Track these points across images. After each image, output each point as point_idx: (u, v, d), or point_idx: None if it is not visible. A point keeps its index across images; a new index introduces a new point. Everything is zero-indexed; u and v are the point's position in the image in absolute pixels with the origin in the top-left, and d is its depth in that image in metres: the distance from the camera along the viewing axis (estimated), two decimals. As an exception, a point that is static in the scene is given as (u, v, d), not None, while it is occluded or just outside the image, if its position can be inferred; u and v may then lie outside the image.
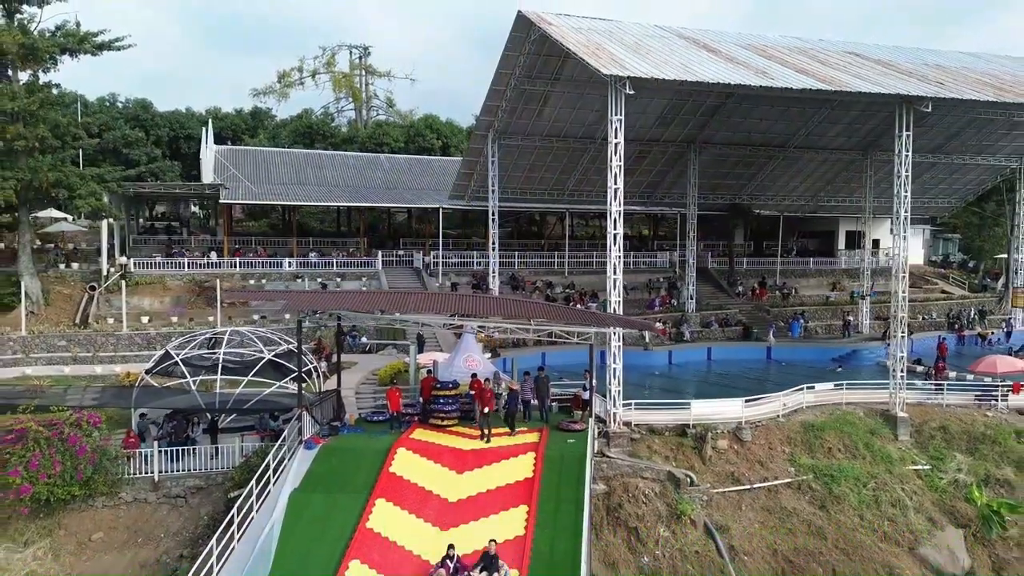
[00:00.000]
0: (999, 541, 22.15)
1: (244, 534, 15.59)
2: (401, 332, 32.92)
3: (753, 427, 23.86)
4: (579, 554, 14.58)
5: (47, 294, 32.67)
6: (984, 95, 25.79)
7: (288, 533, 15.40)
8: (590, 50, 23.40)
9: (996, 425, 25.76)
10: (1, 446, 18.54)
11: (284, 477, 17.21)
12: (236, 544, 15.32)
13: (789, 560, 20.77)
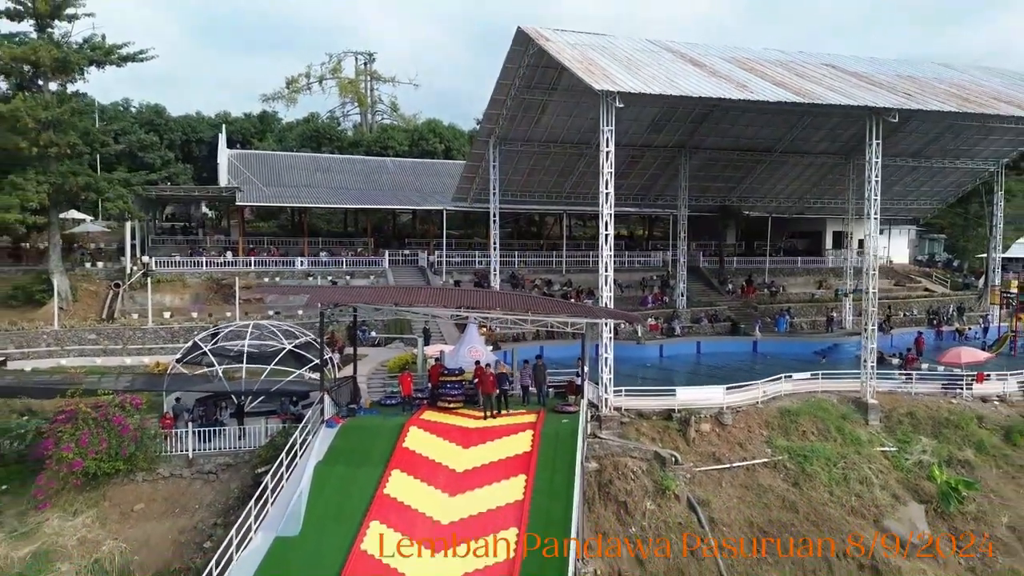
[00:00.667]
0: (957, 515, 24.22)
1: (276, 500, 17.71)
2: (408, 327, 35.08)
3: (734, 412, 25.94)
4: (571, 515, 16.66)
5: (75, 291, 34.78)
6: (948, 106, 27.92)
7: (315, 499, 17.50)
8: (584, 66, 25.50)
9: (960, 411, 27.86)
10: (53, 426, 20.70)
11: (309, 452, 19.29)
12: (270, 508, 17.45)
13: (763, 531, 22.81)
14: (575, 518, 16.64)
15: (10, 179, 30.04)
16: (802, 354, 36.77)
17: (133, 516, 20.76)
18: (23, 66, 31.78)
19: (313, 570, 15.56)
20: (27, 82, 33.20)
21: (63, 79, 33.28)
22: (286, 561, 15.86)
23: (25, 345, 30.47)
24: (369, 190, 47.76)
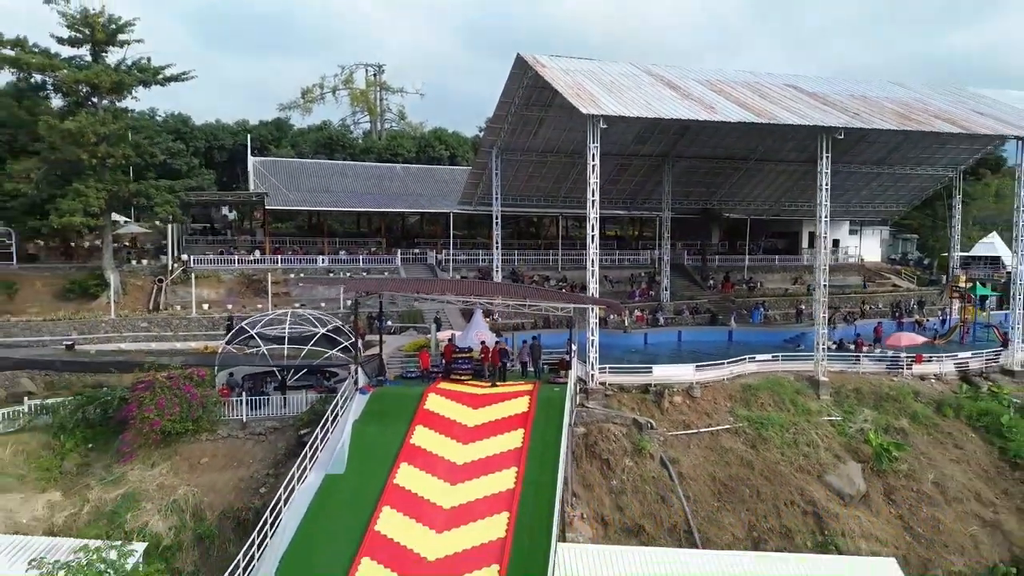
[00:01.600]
0: (890, 473, 28.56)
1: (324, 447, 22.05)
2: (419, 317, 39.44)
3: (702, 387, 30.29)
4: (558, 458, 20.99)
5: (124, 286, 39.13)
6: (889, 124, 32.29)
7: (355, 447, 21.84)
8: (574, 91, 29.85)
9: (899, 387, 32.22)
10: (134, 393, 25.04)
11: (348, 413, 23.60)
12: (320, 453, 21.80)
13: (724, 484, 27.16)
14: (562, 459, 21.01)
15: (74, 187, 34.36)
16: (772, 342, 40.98)
17: (200, 468, 25.12)
18: (82, 86, 36.16)
19: (357, 498, 19.91)
20: (82, 99, 37.55)
21: (115, 97, 37.62)
22: (335, 492, 20.22)
23: (87, 332, 34.81)
24: (381, 194, 52.12)
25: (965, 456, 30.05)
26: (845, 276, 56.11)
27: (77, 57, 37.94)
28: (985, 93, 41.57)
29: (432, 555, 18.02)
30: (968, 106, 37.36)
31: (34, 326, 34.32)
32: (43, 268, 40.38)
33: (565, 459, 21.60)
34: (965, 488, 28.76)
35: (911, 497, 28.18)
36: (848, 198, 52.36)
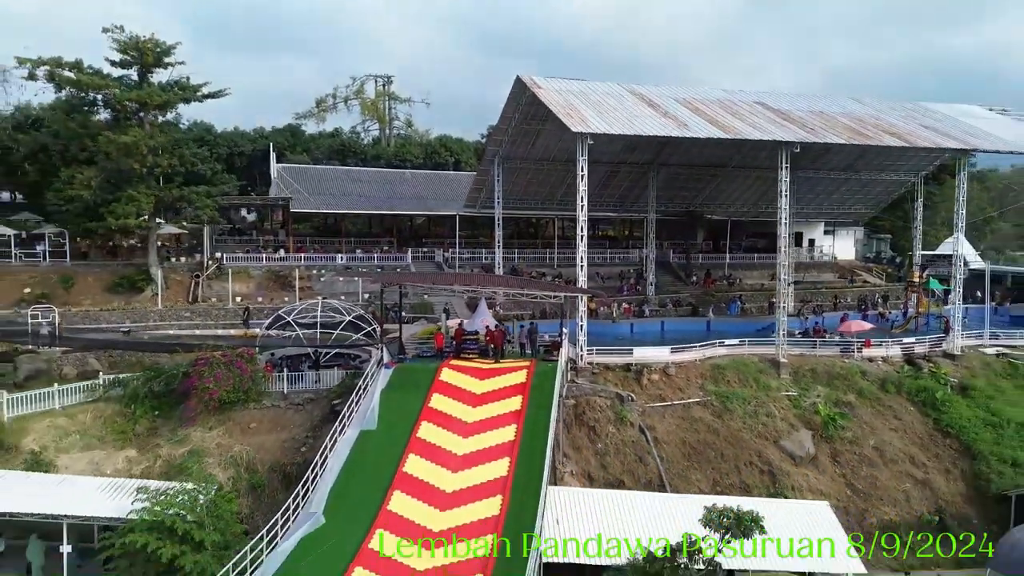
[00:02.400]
0: (836, 438, 33.28)
1: (358, 410, 26.78)
2: (429, 308, 44.14)
3: (677, 366, 35.01)
4: (550, 420, 25.71)
5: (166, 280, 43.85)
6: (839, 138, 37.04)
7: (384, 410, 26.57)
8: (565, 110, 34.55)
9: (849, 368, 36.92)
10: (195, 368, 29.73)
11: (375, 383, 28.33)
12: (355, 415, 26.52)
13: (693, 447, 31.86)
14: (553, 418, 25.77)
15: (128, 193, 39.07)
16: (745, 331, 45.42)
17: (250, 431, 29.85)
18: (131, 103, 40.87)
19: (387, 448, 24.64)
20: (129, 114, 42.20)
21: (159, 113, 42.35)
22: (369, 443, 24.96)
23: (138, 320, 39.49)
24: (392, 197, 56.86)
25: (903, 426, 34.77)
26: (820, 273, 60.92)
27: (125, 76, 42.60)
28: (938, 108, 46.28)
29: (449, 488, 22.81)
30: (917, 121, 42.10)
31: (92, 315, 39.02)
32: (93, 265, 45.11)
33: (556, 417, 26.35)
34: (901, 452, 33.49)
35: (853, 459, 32.92)
36: (820, 201, 57.15)
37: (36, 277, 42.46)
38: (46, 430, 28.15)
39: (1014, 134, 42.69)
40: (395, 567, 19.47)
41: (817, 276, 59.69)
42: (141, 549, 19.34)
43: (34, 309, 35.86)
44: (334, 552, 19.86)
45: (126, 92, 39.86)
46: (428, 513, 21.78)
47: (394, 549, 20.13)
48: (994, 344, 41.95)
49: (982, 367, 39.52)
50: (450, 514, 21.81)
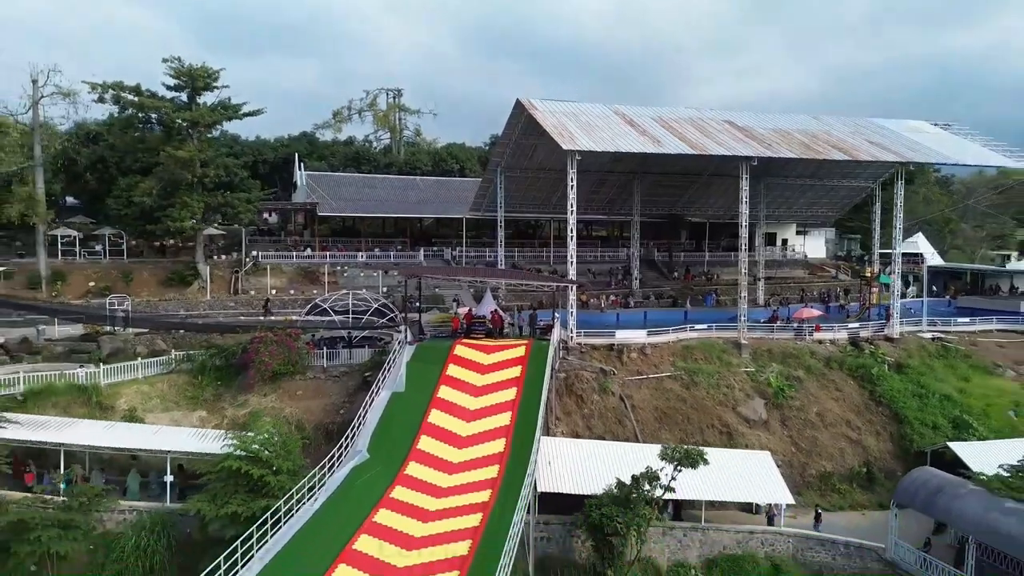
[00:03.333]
0: (785, 406, 39.63)
1: (389, 377, 33.12)
2: (440, 300, 50.46)
3: (652, 347, 41.38)
4: (543, 382, 32.02)
5: (210, 275, 50.21)
6: (792, 153, 43.40)
7: (410, 377, 32.87)
8: (558, 130, 40.92)
9: (800, 348, 43.30)
10: (252, 344, 36.03)
11: (402, 357, 34.59)
12: (386, 379, 32.87)
13: (664, 412, 38.19)
14: (546, 382, 32.12)
15: (183, 199, 45.44)
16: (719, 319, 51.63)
17: (297, 397, 36.22)
18: (183, 121, 47.23)
19: (414, 405, 30.89)
20: (179, 130, 48.52)
21: (206, 130, 48.73)
22: (400, 401, 31.24)
23: (191, 309, 45.91)
24: (405, 202, 63.23)
25: (842, 396, 41.15)
26: (791, 270, 67.36)
27: (176, 97, 48.97)
28: (887, 124, 52.63)
29: (464, 433, 29.20)
30: (864, 136, 48.47)
31: (152, 305, 45.43)
32: (147, 262, 51.51)
33: (548, 381, 32.75)
34: (839, 417, 39.89)
35: (799, 422, 39.29)
36: (790, 205, 63.56)
37: (99, 272, 48.90)
38: (134, 394, 34.55)
39: (949, 147, 49.08)
40: (426, 486, 25.83)
41: (788, 272, 66.10)
42: (235, 472, 25.69)
43: (111, 299, 42.25)
44: (378, 477, 26.18)
45: (183, 112, 46.21)
46: (449, 451, 28.18)
47: (425, 475, 26.51)
48: (931, 330, 48.37)
49: (918, 349, 45.91)
50: (466, 451, 28.22)
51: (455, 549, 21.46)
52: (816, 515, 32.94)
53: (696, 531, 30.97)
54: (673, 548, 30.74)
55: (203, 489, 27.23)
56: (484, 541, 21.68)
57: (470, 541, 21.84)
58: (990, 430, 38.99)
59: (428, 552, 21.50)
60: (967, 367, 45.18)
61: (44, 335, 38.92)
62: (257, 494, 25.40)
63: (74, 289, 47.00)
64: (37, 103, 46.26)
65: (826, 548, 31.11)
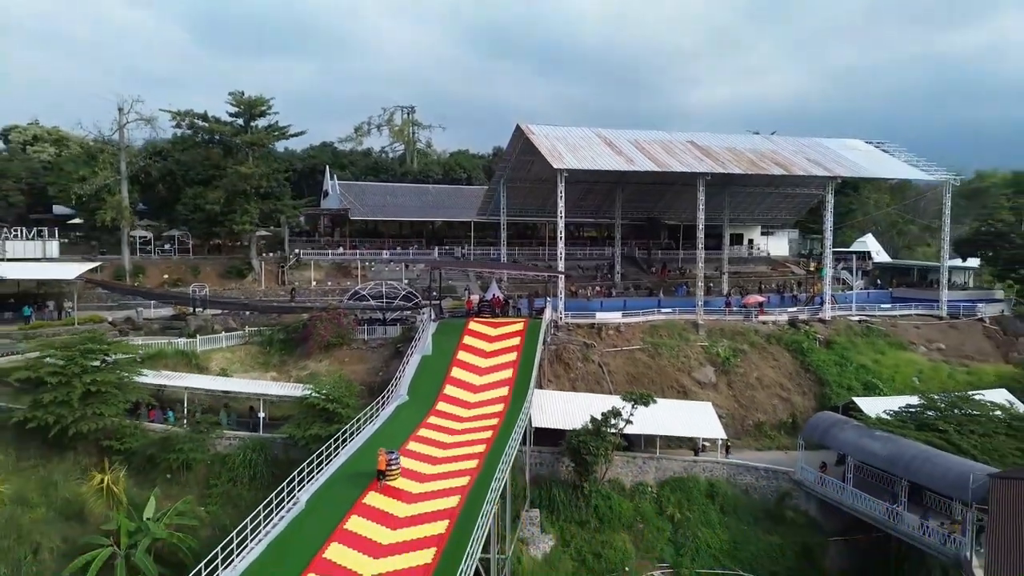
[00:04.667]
0: (731, 372, 49.59)
1: (419, 346, 43.22)
2: (453, 290, 60.51)
3: (626, 325, 51.42)
4: (536, 351, 42.15)
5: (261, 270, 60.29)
6: (739, 169, 53.43)
7: (435, 345, 43.00)
8: (549, 152, 50.95)
9: (747, 328, 53.32)
10: (310, 320, 46.12)
11: (428, 330, 44.73)
12: (416, 346, 42.96)
13: (633, 376, 48.18)
14: (538, 352, 42.26)
15: (244, 207, 55.53)
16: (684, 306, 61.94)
17: (345, 362, 46.32)
18: (239, 141, 57.28)
19: (439, 364, 41.02)
20: (237, 148, 58.52)
21: (259, 149, 58.84)
22: (428, 362, 41.37)
23: (250, 296, 55.97)
24: (420, 206, 73.29)
25: (779, 365, 51.17)
26: (755, 266, 77.33)
27: (234, 121, 59.00)
28: (828, 143, 62.66)
29: (478, 383, 39.38)
30: (803, 154, 58.54)
31: (218, 293, 55.48)
32: (208, 258, 61.58)
33: (540, 350, 42.90)
34: (774, 381, 49.91)
35: (741, 385, 49.28)
36: (752, 209, 73.61)
37: (171, 267, 59.00)
38: (221, 359, 44.71)
39: (873, 162, 59.23)
40: (451, 417, 35.91)
41: (752, 268, 76.11)
42: (314, 407, 35.81)
43: (193, 287, 52.43)
44: (416, 412, 36.21)
45: (242, 135, 56.34)
46: (466, 395, 38.35)
47: (449, 411, 36.62)
48: (859, 314, 58.41)
49: (845, 329, 55.92)
50: (479, 395, 38.40)
51: (473, 451, 31.58)
52: (726, 449, 42.65)
53: (652, 460, 41.07)
54: (635, 472, 40.85)
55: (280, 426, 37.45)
56: (491, 452, 31.50)
57: (484, 446, 31.95)
58: (893, 391, 49.01)
59: (454, 452, 31.63)
60: (885, 344, 55.19)
61: (142, 315, 49.01)
62: (330, 422, 35.49)
63: (152, 280, 57.03)
64: (123, 127, 56.32)
65: (751, 472, 41.23)
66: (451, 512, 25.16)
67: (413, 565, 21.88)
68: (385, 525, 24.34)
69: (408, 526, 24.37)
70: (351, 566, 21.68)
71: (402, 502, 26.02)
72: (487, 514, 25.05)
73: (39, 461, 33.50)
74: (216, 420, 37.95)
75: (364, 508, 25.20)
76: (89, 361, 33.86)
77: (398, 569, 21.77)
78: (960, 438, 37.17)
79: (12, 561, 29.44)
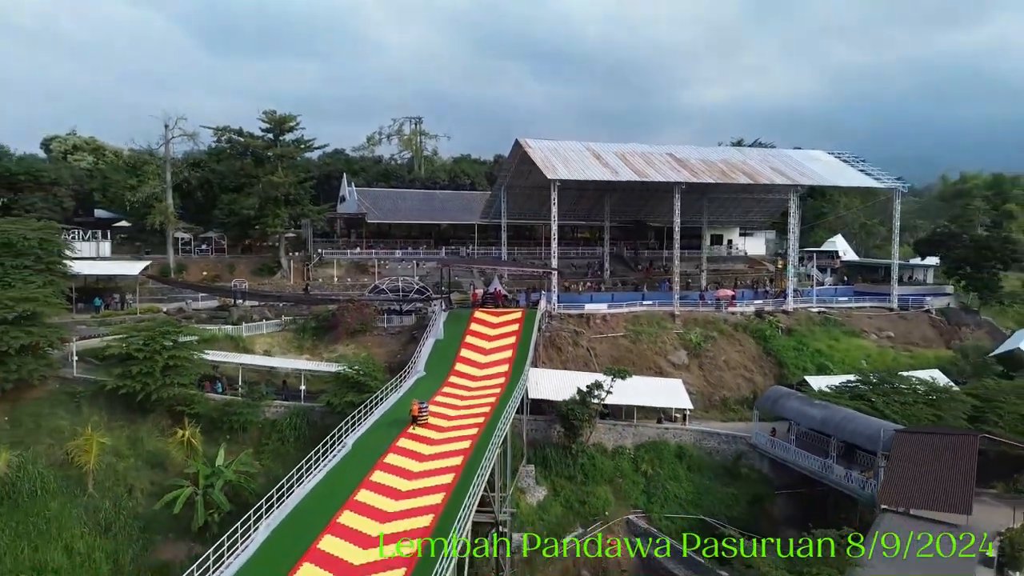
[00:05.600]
0: (702, 355, 57.15)
1: (432, 331, 50.76)
2: (459, 285, 68.07)
3: (611, 315, 58.99)
4: (532, 337, 49.72)
5: (289, 267, 67.85)
6: (711, 178, 60.95)
7: (446, 331, 50.62)
8: (544, 164, 58.48)
9: (717, 318, 60.87)
10: (338, 309, 53.63)
11: (439, 319, 52.31)
12: (430, 331, 50.52)
13: (616, 358, 55.60)
14: (534, 337, 49.86)
15: (275, 212, 63.04)
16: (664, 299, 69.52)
17: (368, 346, 53.80)
18: (271, 154, 64.83)
19: (449, 348, 48.62)
20: (267, 159, 66.04)
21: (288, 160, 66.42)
22: (440, 345, 48.96)
23: (281, 290, 63.50)
24: (429, 210, 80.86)
25: (744, 350, 58.73)
26: (734, 264, 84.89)
27: (264, 135, 66.52)
28: (792, 154, 70.30)
29: (483, 361, 47.05)
30: (768, 164, 66.08)
31: (253, 288, 63.00)
32: (241, 257, 69.16)
33: (536, 336, 50.52)
34: (740, 364, 57.48)
35: (710, 366, 56.83)
36: (729, 213, 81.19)
37: (209, 264, 66.57)
38: (263, 342, 52.27)
39: (831, 171, 66.87)
40: (461, 388, 43.48)
41: (732, 266, 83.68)
42: (348, 379, 43.38)
43: (234, 282, 60.02)
44: (432, 383, 43.73)
45: (273, 148, 63.95)
46: (473, 370, 45.98)
47: (459, 382, 44.20)
48: (819, 306, 65.97)
49: (806, 319, 63.50)
50: (484, 371, 46.02)
51: (480, 411, 39.12)
52: (684, 417, 49.98)
53: (630, 427, 48.61)
54: (615, 438, 48.35)
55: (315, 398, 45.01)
56: (495, 412, 38.87)
57: (488, 408, 39.49)
58: (842, 372, 56.45)
59: (465, 412, 39.17)
60: (840, 332, 62.76)
61: (191, 306, 56.56)
62: (361, 391, 42.95)
63: (192, 276, 64.55)
64: (168, 142, 63.93)
65: (714, 438, 48.74)
66: (464, 451, 32.74)
67: (438, 483, 29.46)
68: (415, 459, 31.96)
69: (432, 460, 31.98)
70: (393, 484, 29.27)
71: (426, 444, 33.64)
72: (492, 449, 32.63)
73: (126, 422, 41.01)
74: (262, 392, 45.42)
75: (397, 449, 32.80)
76: (166, 341, 41.37)
77: (427, 487, 29.34)
78: (884, 406, 44.74)
79: (113, 497, 36.94)
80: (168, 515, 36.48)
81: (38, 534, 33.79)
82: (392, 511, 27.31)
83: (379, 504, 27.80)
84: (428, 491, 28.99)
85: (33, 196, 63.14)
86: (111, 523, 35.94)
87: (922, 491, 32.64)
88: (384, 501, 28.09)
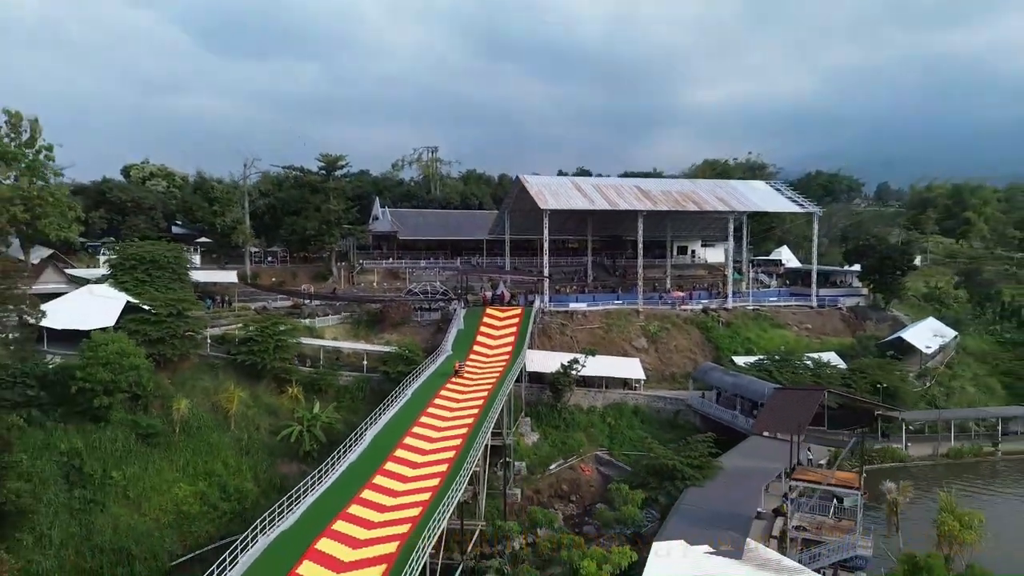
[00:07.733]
0: (658, 341, 75.55)
1: (455, 323, 69.02)
2: (472, 289, 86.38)
3: (591, 312, 77.23)
4: (528, 328, 68.02)
5: (338, 273, 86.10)
6: (667, 206, 79.13)
7: (465, 323, 68.99)
8: (537, 196, 76.69)
9: (672, 314, 79.14)
10: (384, 307, 71.88)
11: (460, 314, 70.60)
12: (453, 323, 68.78)
13: (593, 344, 73.79)
14: (529, 328, 68.21)
15: (331, 231, 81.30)
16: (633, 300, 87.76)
17: (407, 334, 72.00)
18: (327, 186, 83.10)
19: (468, 335, 67.04)
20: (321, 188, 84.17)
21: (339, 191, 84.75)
22: (462, 333, 67.37)
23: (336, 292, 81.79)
24: (445, 227, 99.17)
25: (691, 338, 76.99)
26: (696, 271, 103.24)
27: (320, 171, 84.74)
28: (736, 185, 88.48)
29: (493, 344, 65.49)
30: (715, 194, 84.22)
31: (314, 290, 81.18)
32: (299, 267, 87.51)
33: (531, 327, 68.88)
34: (686, 348, 75.73)
35: (664, 350, 75.07)
36: (692, 228, 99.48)
37: (276, 273, 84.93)
38: (331, 331, 70.61)
39: (764, 199, 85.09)
40: (479, 362, 61.81)
41: (694, 273, 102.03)
42: (398, 355, 61.72)
43: (304, 286, 78.41)
44: (458, 358, 62.07)
45: (329, 183, 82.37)
46: (486, 350, 64.42)
47: (477, 359, 62.59)
48: (754, 304, 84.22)
49: (742, 315, 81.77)
50: (494, 351, 64.45)
51: (492, 374, 57.43)
52: (640, 385, 68.33)
53: (600, 392, 66.89)
54: (589, 400, 66.61)
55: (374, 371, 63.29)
56: (501, 379, 56.96)
57: (498, 374, 57.78)
58: (764, 354, 74.79)
59: (482, 374, 57.50)
60: (768, 324, 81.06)
61: (272, 305, 74.88)
62: (409, 364, 61.18)
63: (264, 282, 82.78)
64: (246, 177, 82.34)
65: (662, 400, 67.04)
66: (483, 398, 51.05)
67: (468, 414, 47.85)
68: (453, 402, 50.42)
69: (463, 403, 50.39)
70: (435, 424, 47.60)
71: (458, 393, 52.10)
72: (500, 399, 50.93)
73: (247, 384, 59.25)
74: (337, 365, 63.72)
75: (440, 395, 51.24)
76: (274, 329, 59.61)
77: (459, 417, 47.68)
78: (779, 375, 63.13)
79: (248, 432, 55.07)
80: (284, 445, 54.61)
81: (206, 452, 51.98)
82: (437, 436, 45.50)
83: (428, 433, 46.02)
84: (460, 420, 47.34)
85: (137, 218, 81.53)
86: (248, 448, 54.11)
87: (776, 422, 50.94)
88: (435, 423, 46.49)
